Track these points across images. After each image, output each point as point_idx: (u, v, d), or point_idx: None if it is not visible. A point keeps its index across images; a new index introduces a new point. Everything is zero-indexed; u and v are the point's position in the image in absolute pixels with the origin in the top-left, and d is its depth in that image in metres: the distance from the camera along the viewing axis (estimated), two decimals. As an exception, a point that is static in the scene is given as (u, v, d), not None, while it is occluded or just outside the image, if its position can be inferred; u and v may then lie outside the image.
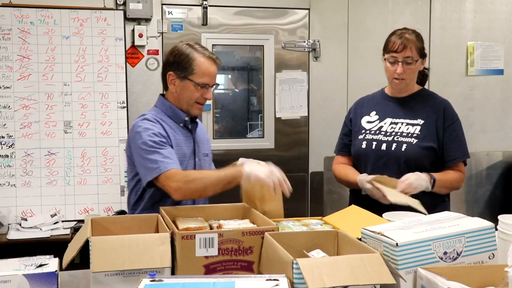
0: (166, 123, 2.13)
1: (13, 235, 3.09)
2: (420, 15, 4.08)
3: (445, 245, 1.36)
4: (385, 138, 2.31)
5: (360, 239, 1.46)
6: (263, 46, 3.87)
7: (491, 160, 4.23)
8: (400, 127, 2.31)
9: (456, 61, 4.16)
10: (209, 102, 3.71)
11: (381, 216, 1.90)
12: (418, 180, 2.13)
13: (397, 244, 1.31)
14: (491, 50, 4.19)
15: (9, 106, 3.34)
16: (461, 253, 1.37)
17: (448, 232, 1.38)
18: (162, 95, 2.24)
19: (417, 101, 2.35)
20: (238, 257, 1.46)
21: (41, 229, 3.16)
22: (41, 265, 1.36)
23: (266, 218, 1.64)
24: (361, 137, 2.37)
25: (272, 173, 1.88)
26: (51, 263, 1.37)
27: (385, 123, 2.36)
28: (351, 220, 1.84)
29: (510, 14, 4.23)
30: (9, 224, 3.20)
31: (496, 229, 1.51)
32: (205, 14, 3.71)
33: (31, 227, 3.16)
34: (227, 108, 4.01)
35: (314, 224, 1.83)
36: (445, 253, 1.35)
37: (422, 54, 2.30)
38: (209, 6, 3.72)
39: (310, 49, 3.92)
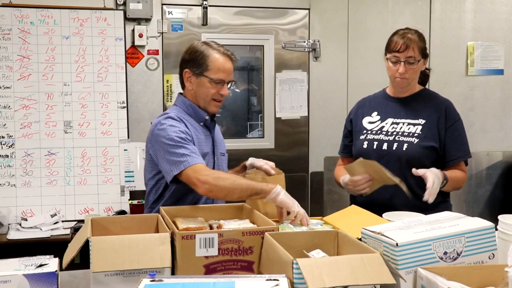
0: (188, 121, 2.13)
1: (13, 235, 3.09)
2: (420, 15, 4.08)
3: (445, 245, 1.36)
4: (387, 138, 2.31)
5: (360, 239, 1.46)
6: (263, 46, 3.87)
7: (491, 160, 4.23)
8: (401, 127, 2.32)
9: (456, 61, 4.16)
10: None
11: (381, 216, 1.90)
12: (437, 181, 2.11)
13: (397, 244, 1.31)
14: (491, 50, 4.19)
15: (9, 106, 3.34)
16: (461, 253, 1.37)
17: (448, 232, 1.38)
18: (181, 93, 2.26)
19: (418, 101, 2.35)
20: (238, 257, 1.46)
21: (41, 229, 3.16)
22: (41, 265, 1.36)
23: (266, 218, 1.64)
24: (362, 137, 2.37)
25: (298, 205, 1.88)
26: (51, 263, 1.37)
27: (386, 123, 2.36)
28: (351, 220, 1.84)
29: (510, 14, 4.23)
30: (9, 224, 3.20)
31: (496, 229, 1.51)
32: (205, 14, 3.71)
33: (31, 227, 3.16)
34: (227, 108, 4.01)
35: (314, 224, 1.83)
36: (445, 253, 1.35)
37: (424, 54, 2.30)
38: (209, 6, 3.72)
39: (310, 49, 3.92)
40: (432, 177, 2.08)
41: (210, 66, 2.11)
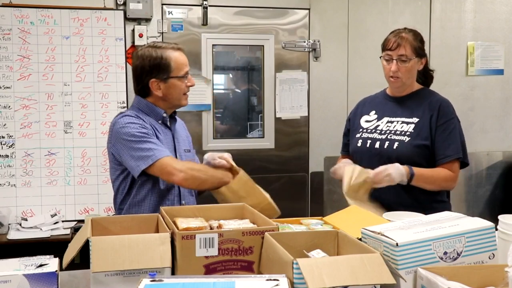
0: (144, 121, 2.15)
1: (13, 235, 3.09)
2: (420, 15, 4.08)
3: (445, 245, 1.36)
4: (380, 137, 2.32)
5: (360, 239, 1.46)
6: (263, 46, 3.87)
7: (491, 160, 4.23)
8: (395, 126, 2.33)
9: (456, 61, 4.16)
10: (209, 102, 3.73)
11: (381, 216, 1.90)
12: (395, 172, 2.13)
13: (397, 244, 1.31)
14: (491, 50, 4.19)
15: (9, 106, 3.34)
16: (461, 253, 1.37)
17: (448, 232, 1.37)
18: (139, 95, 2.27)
19: (415, 99, 2.35)
20: (238, 257, 1.46)
21: (41, 229, 3.16)
22: (41, 265, 1.36)
23: (266, 218, 1.64)
24: (358, 135, 2.40)
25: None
26: (51, 263, 1.37)
27: (382, 122, 2.38)
28: (351, 220, 1.83)
29: (510, 14, 4.23)
30: (9, 224, 3.20)
31: (496, 229, 1.51)
32: (205, 14, 3.71)
33: (31, 227, 3.16)
34: (227, 108, 4.01)
35: (314, 224, 1.83)
36: (445, 253, 1.35)
37: (419, 54, 2.30)
38: (209, 6, 3.72)
39: (310, 49, 3.92)
40: (387, 166, 2.13)
41: (173, 67, 2.16)
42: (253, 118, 4.04)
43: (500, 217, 1.61)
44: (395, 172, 2.13)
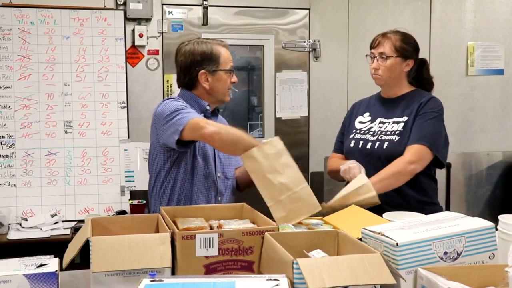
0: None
1: (13, 235, 3.09)
2: (420, 15, 4.08)
3: (445, 245, 1.36)
4: (371, 138, 2.35)
5: (360, 239, 1.46)
6: (263, 46, 3.87)
7: (491, 160, 4.22)
8: (386, 126, 2.35)
9: (456, 61, 4.16)
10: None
11: (381, 216, 1.90)
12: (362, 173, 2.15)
13: (397, 244, 1.31)
14: (491, 50, 4.19)
15: (9, 106, 3.34)
16: (461, 253, 1.37)
17: (448, 232, 1.37)
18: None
19: (406, 100, 2.37)
20: (238, 257, 1.46)
21: (41, 229, 3.15)
22: (41, 265, 1.36)
23: (266, 218, 1.64)
24: (351, 136, 2.43)
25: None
26: (51, 263, 1.37)
27: (375, 124, 2.40)
28: (351, 220, 1.83)
29: (510, 14, 4.23)
30: (9, 224, 3.20)
31: (497, 229, 1.51)
32: (205, 14, 3.72)
33: (31, 227, 3.16)
34: (227, 108, 4.01)
35: (314, 224, 1.83)
36: (445, 253, 1.35)
37: (402, 54, 2.32)
38: (209, 6, 3.72)
39: (310, 49, 3.92)
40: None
41: (221, 60, 2.23)
42: (253, 118, 4.04)
43: (500, 217, 1.61)
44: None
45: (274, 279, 1.18)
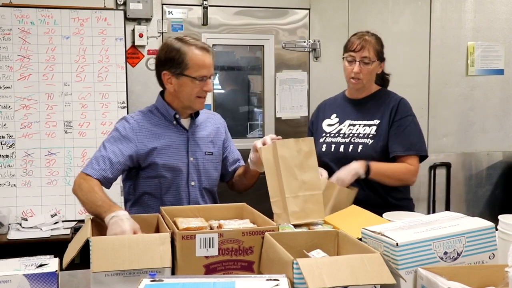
0: (153, 120, 2.12)
1: (13, 235, 3.09)
2: (420, 15, 4.08)
3: (445, 245, 1.36)
4: (343, 140, 2.34)
5: (360, 239, 1.46)
6: (263, 46, 3.87)
7: (491, 160, 4.23)
8: (357, 129, 2.35)
9: (456, 61, 4.16)
10: (209, 102, 3.73)
11: (381, 216, 1.90)
12: (345, 174, 2.14)
13: (397, 244, 1.31)
14: (491, 50, 4.19)
15: (9, 106, 3.34)
16: (461, 253, 1.37)
17: (449, 232, 1.38)
18: (161, 92, 2.20)
19: (374, 101, 2.39)
20: (238, 257, 1.46)
21: (41, 229, 3.16)
22: (41, 265, 1.36)
23: (266, 218, 1.64)
24: (321, 140, 2.41)
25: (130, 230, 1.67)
26: (51, 263, 1.37)
27: (344, 126, 2.40)
28: (351, 220, 1.84)
29: (510, 14, 4.23)
30: (9, 224, 3.20)
31: (497, 229, 1.51)
32: (205, 14, 3.71)
33: (31, 227, 3.16)
34: (227, 108, 4.01)
35: (314, 224, 1.83)
36: (445, 253, 1.35)
37: (380, 57, 2.35)
38: (209, 6, 3.72)
39: (310, 49, 3.92)
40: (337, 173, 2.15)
41: (189, 64, 2.01)
42: (253, 118, 4.04)
43: (500, 217, 1.61)
44: (344, 174, 2.15)
45: (274, 279, 1.18)
